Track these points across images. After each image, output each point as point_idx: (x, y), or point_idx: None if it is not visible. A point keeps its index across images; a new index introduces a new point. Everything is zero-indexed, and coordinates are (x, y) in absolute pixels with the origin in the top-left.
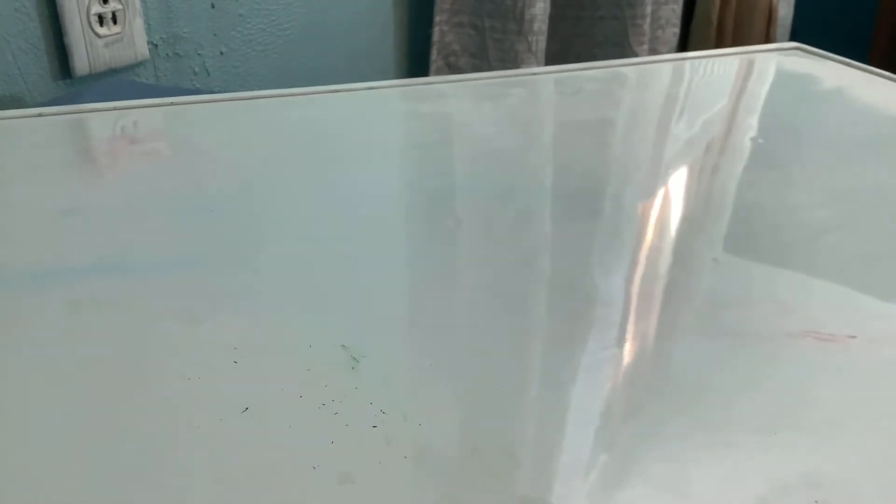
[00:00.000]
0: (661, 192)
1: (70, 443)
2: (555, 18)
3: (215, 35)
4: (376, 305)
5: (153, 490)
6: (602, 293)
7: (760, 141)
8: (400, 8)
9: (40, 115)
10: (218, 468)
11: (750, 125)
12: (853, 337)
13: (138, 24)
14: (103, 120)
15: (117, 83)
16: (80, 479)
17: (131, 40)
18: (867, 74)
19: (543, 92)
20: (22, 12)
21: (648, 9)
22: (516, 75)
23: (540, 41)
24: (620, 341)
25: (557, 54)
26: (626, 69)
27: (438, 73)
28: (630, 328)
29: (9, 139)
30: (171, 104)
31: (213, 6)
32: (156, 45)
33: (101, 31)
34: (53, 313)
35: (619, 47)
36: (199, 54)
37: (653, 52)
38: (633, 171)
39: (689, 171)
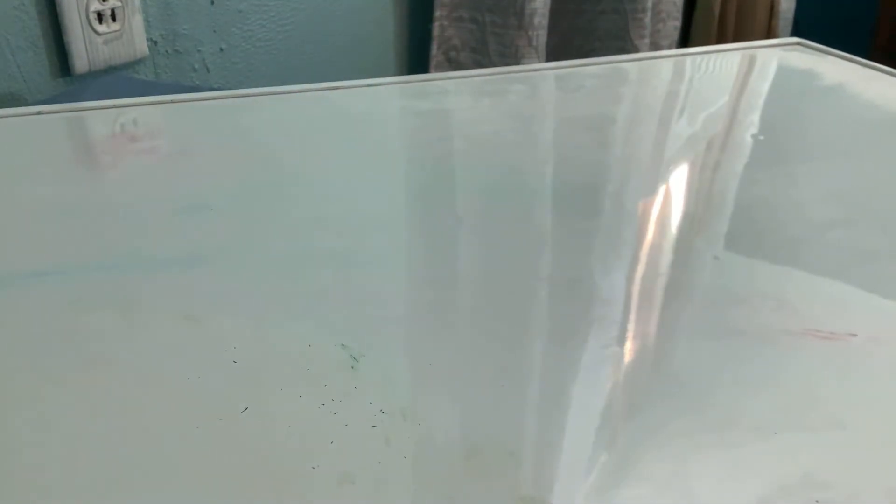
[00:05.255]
0: (661, 190)
1: (69, 442)
2: (555, 13)
3: (215, 31)
4: (376, 304)
5: (153, 490)
6: (602, 291)
7: (761, 137)
8: (400, 3)
9: (39, 113)
10: (218, 468)
11: (751, 122)
12: (854, 335)
13: (137, 21)
14: (103, 118)
15: (117, 80)
16: (79, 479)
17: (130, 37)
18: (868, 70)
19: (544, 88)
20: (21, 10)
21: (649, 2)
22: (517, 72)
23: (540, 35)
24: (621, 340)
25: (558, 48)
26: (626, 65)
27: (439, 67)
28: (630, 327)
29: (8, 138)
30: (171, 102)
31: (212, 3)
32: (155, 42)
33: (101, 28)
34: (53, 313)
35: (620, 41)
36: (198, 51)
37: (654, 45)
38: (633, 168)
39: (690, 168)
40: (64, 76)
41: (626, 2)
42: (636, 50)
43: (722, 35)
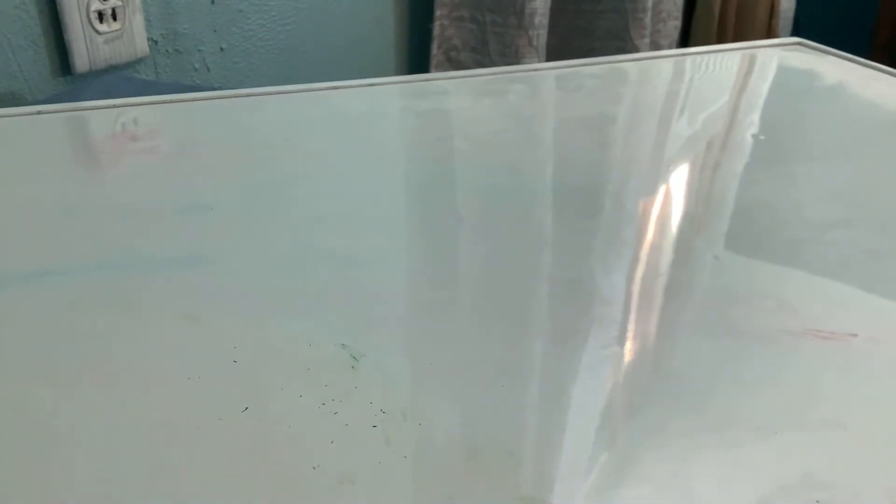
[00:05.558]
0: (661, 190)
1: (69, 443)
2: (555, 12)
3: (215, 31)
4: (376, 304)
5: (153, 490)
6: (602, 291)
7: (762, 137)
8: (400, 2)
9: (40, 112)
10: (218, 468)
11: (751, 121)
12: (854, 335)
13: (138, 20)
14: (103, 117)
15: (117, 80)
16: (79, 479)
17: (131, 37)
18: (868, 70)
19: (544, 88)
20: (22, 9)
21: (650, 2)
22: (517, 71)
23: (540, 35)
24: (621, 340)
25: (558, 48)
26: (626, 65)
27: (439, 67)
28: (630, 327)
29: (8, 137)
30: (172, 101)
31: (212, 2)
32: (156, 42)
33: (101, 27)
34: (53, 313)
35: (620, 41)
36: (199, 50)
37: (654, 45)
38: (633, 168)
39: (690, 168)
40: (64, 75)
41: (627, 1)
42: (636, 50)
43: (722, 35)
